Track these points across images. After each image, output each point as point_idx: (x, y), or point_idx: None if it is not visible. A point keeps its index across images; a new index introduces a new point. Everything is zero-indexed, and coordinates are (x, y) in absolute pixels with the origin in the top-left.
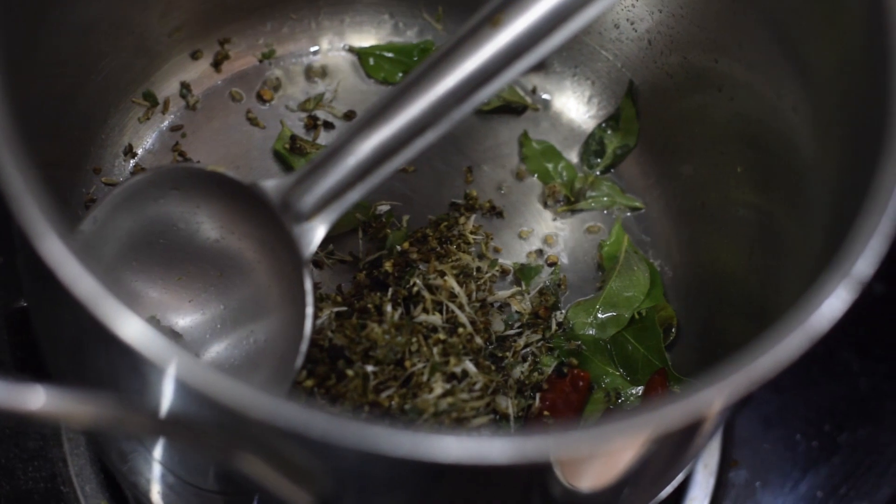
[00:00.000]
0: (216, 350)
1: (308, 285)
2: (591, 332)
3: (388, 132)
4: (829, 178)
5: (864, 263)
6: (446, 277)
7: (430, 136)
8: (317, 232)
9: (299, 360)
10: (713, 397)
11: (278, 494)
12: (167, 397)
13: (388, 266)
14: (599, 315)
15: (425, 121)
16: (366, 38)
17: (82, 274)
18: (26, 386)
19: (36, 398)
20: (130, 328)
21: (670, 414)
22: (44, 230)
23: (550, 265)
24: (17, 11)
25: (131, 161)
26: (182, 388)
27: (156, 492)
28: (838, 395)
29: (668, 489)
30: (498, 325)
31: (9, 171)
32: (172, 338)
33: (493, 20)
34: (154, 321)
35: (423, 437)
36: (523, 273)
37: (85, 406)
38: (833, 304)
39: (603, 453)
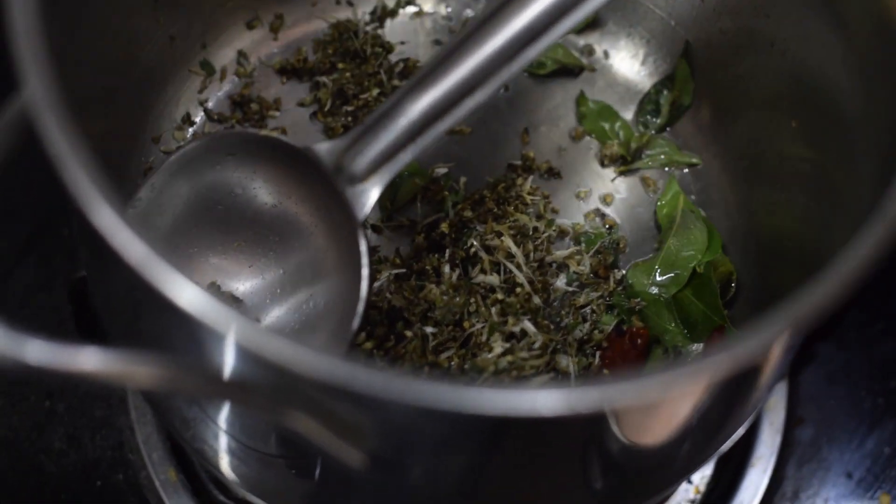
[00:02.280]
0: (276, 314)
1: (363, 247)
2: (651, 291)
3: (437, 93)
4: (877, 131)
5: None
6: (503, 238)
7: (479, 97)
8: (370, 194)
9: (356, 322)
10: (759, 346)
11: (331, 452)
12: (220, 358)
13: (444, 227)
14: (658, 277)
15: (474, 81)
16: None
17: (134, 241)
18: (80, 348)
19: (90, 359)
20: (181, 290)
21: (715, 364)
22: (95, 198)
23: (608, 228)
24: None
25: (189, 129)
26: (234, 347)
27: (220, 457)
28: None
29: (729, 443)
30: (560, 283)
31: (56, 139)
32: (233, 303)
33: None
34: (214, 287)
35: (467, 389)
36: (585, 239)
37: (138, 366)
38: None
39: (653, 404)
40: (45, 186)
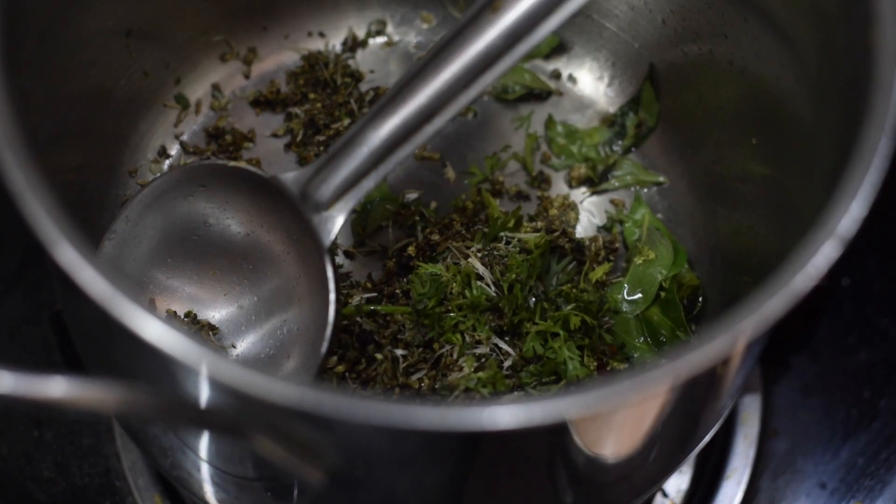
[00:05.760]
0: (251, 341)
1: (330, 272)
2: (623, 309)
3: (397, 120)
4: (829, 145)
5: (850, 217)
6: (470, 259)
7: (438, 123)
8: (336, 220)
9: (324, 346)
10: (709, 356)
11: (293, 472)
12: (186, 387)
13: (411, 250)
14: (626, 296)
15: (432, 108)
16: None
17: (98, 278)
18: (47, 376)
19: (58, 387)
20: (146, 324)
21: (659, 376)
22: (57, 236)
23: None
24: (32, 16)
25: (166, 162)
26: (199, 377)
27: (198, 484)
28: (877, 361)
29: (697, 449)
30: (550, 281)
31: (16, 177)
32: (209, 332)
33: (494, 6)
34: (191, 316)
35: (414, 408)
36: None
37: (106, 393)
38: (823, 255)
39: (610, 413)
40: None
